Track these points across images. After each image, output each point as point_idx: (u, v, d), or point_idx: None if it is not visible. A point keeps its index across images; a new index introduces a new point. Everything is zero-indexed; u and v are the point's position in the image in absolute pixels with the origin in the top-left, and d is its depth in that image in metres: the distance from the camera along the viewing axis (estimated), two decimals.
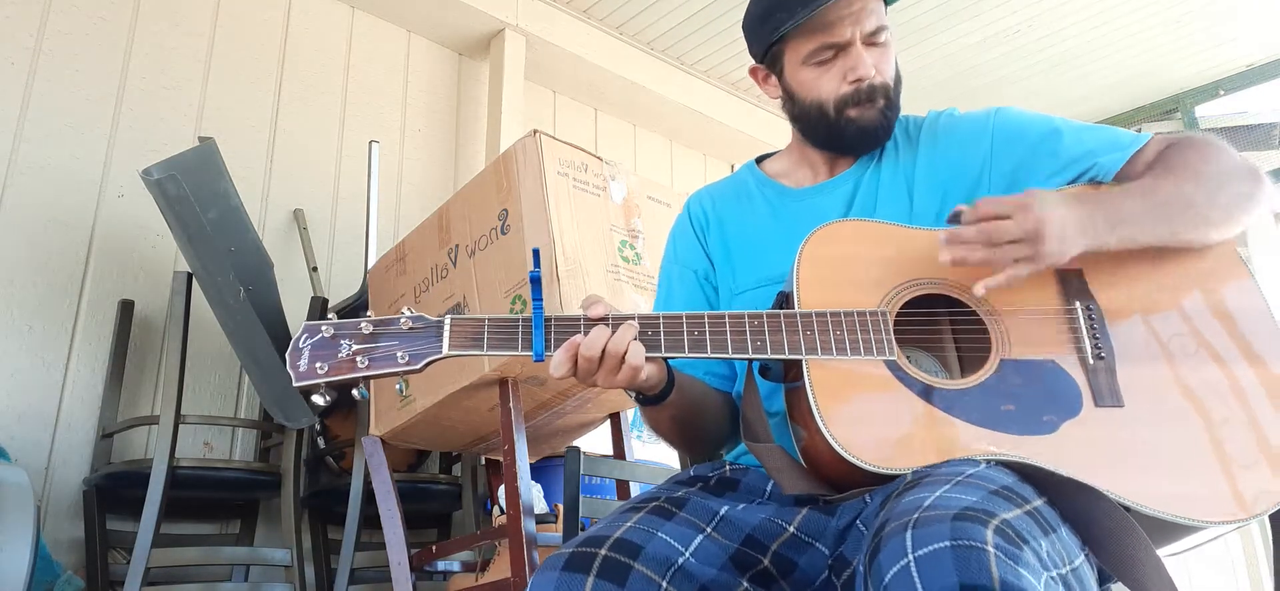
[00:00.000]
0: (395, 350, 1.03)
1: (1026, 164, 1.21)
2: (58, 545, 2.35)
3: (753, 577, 1.03)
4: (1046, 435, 1.00)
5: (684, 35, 3.98)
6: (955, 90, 4.25)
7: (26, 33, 2.69)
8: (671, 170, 4.45)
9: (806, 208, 1.32)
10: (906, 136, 1.32)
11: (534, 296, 1.05)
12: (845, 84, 1.27)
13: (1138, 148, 1.18)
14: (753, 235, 1.34)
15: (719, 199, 1.42)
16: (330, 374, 1.02)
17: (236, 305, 2.30)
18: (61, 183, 2.66)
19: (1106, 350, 1.06)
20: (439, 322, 1.05)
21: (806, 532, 1.07)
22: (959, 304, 1.10)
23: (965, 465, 0.92)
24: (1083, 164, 1.19)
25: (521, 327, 1.04)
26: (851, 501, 1.04)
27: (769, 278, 1.27)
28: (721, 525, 1.06)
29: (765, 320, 1.06)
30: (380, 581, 2.56)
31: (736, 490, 1.15)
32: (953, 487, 0.85)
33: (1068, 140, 1.21)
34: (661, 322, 1.06)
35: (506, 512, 1.92)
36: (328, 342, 1.04)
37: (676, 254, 1.43)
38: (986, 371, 1.04)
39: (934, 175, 1.26)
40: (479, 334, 1.04)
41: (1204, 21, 3.91)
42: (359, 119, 3.36)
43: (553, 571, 0.96)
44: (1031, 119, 1.26)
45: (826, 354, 1.04)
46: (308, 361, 1.03)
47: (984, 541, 0.77)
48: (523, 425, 1.95)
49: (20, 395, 2.46)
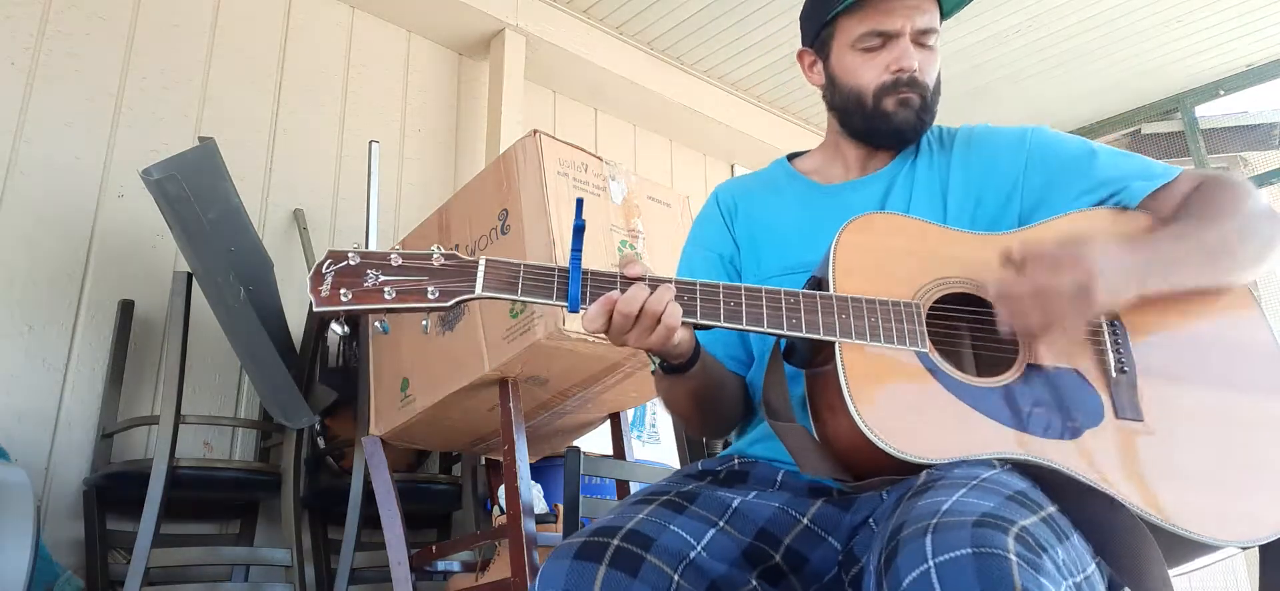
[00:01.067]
0: (425, 284, 1.00)
1: (1057, 181, 1.23)
2: (58, 545, 2.35)
3: (763, 573, 1.03)
4: (1069, 440, 1.01)
5: (684, 35, 3.98)
6: (955, 90, 4.25)
7: (26, 33, 2.69)
8: (671, 170, 4.45)
9: (838, 203, 1.32)
10: (940, 144, 1.34)
11: (573, 246, 1.03)
12: (887, 73, 1.28)
13: (1168, 181, 1.19)
14: (780, 224, 1.34)
15: (749, 188, 1.43)
16: (355, 300, 0.98)
17: (236, 305, 2.30)
18: (61, 183, 2.66)
19: (1129, 365, 1.07)
20: (474, 262, 1.02)
21: (820, 526, 1.07)
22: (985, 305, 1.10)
23: (979, 468, 0.92)
24: (1113, 186, 1.20)
25: (557, 277, 1.03)
26: (867, 496, 1.04)
27: (795, 265, 1.27)
28: (734, 518, 1.06)
29: (802, 299, 1.06)
30: (380, 581, 2.55)
31: (747, 482, 1.15)
32: (969, 492, 0.85)
33: (1102, 163, 1.23)
34: (698, 289, 1.06)
35: (506, 512, 1.92)
36: (353, 270, 1.00)
37: (700, 238, 1.43)
38: (1013, 374, 1.06)
39: (968, 182, 1.27)
40: (514, 278, 1.02)
41: (1204, 21, 3.92)
42: (359, 119, 3.36)
43: (565, 560, 0.96)
44: (1068, 139, 1.28)
45: (861, 338, 1.05)
46: (330, 286, 0.99)
47: (1006, 549, 0.77)
48: (523, 425, 1.95)
49: (20, 395, 2.46)
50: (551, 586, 0.94)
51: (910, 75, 1.27)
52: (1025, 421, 1.01)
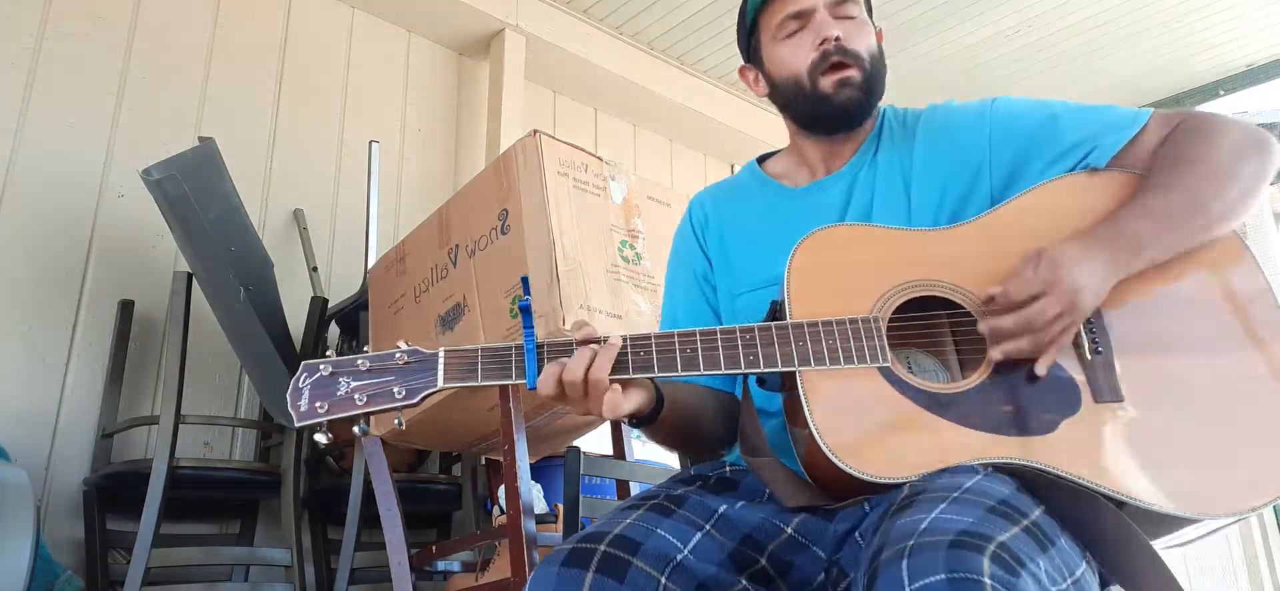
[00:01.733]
0: (391, 385, 1.05)
1: (1026, 153, 1.20)
2: (58, 545, 2.35)
3: (751, 576, 1.03)
4: (1046, 434, 0.99)
5: (684, 35, 3.98)
6: (955, 90, 4.25)
7: (26, 33, 2.69)
8: (671, 170, 4.45)
9: (803, 206, 1.31)
10: (903, 129, 1.31)
11: (525, 325, 1.06)
12: (814, 51, 1.28)
13: (1138, 128, 1.16)
14: (751, 235, 1.34)
15: (719, 199, 1.42)
16: (330, 412, 1.04)
17: (237, 305, 2.30)
18: (61, 183, 2.66)
19: (1104, 344, 1.05)
20: (433, 355, 1.06)
21: (804, 535, 1.07)
22: (955, 305, 1.09)
23: (963, 476, 0.92)
24: (1081, 149, 1.18)
25: (515, 356, 1.05)
26: (851, 508, 1.04)
27: (768, 279, 1.27)
28: (720, 523, 1.06)
29: (757, 333, 1.05)
30: (380, 581, 2.55)
31: (736, 490, 1.15)
32: (949, 506, 0.85)
33: (1065, 125, 1.20)
34: (653, 342, 1.06)
35: (506, 512, 1.92)
36: (326, 381, 1.05)
37: (678, 255, 1.44)
38: (983, 372, 1.04)
39: (932, 169, 1.25)
40: (473, 365, 1.05)
41: (1204, 21, 3.92)
42: (359, 119, 3.36)
43: (552, 567, 0.96)
44: (1029, 107, 1.24)
45: (819, 363, 1.03)
46: (308, 401, 1.04)
47: (980, 572, 0.76)
48: (523, 425, 1.95)
49: (20, 395, 2.46)
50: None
51: (837, 45, 1.27)
52: (997, 422, 1.00)
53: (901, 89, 4.13)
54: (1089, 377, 1.03)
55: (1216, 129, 1.13)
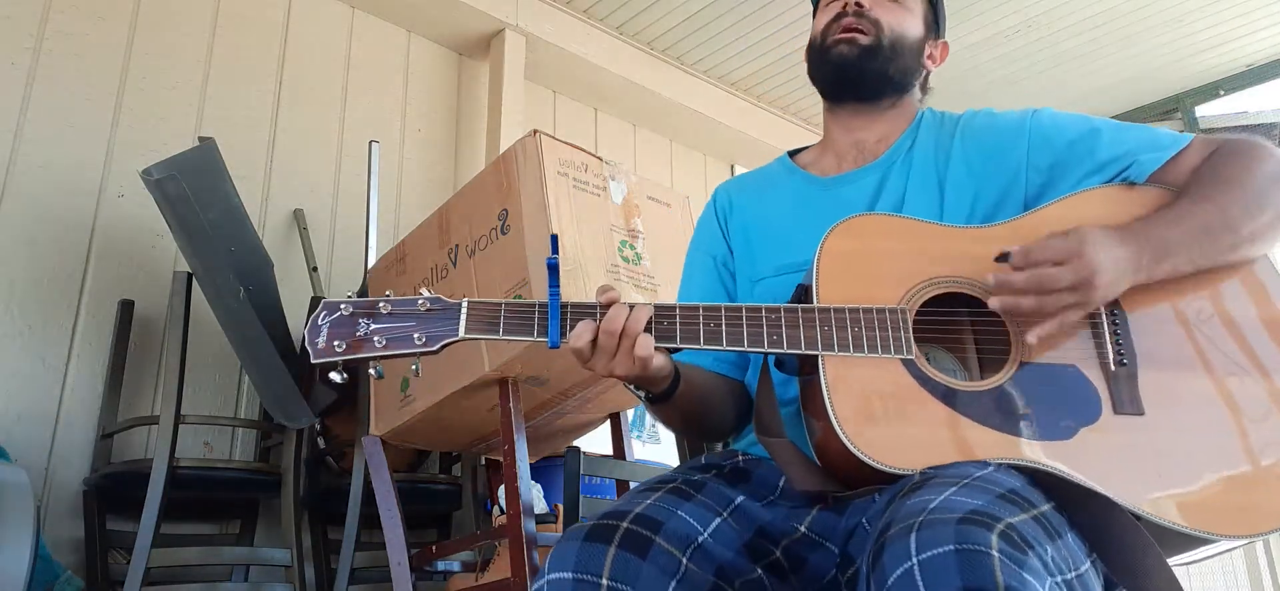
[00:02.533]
0: (412, 330, 1.05)
1: (1063, 163, 1.20)
2: (58, 545, 2.35)
3: (766, 567, 1.03)
4: (1063, 441, 0.99)
5: (684, 35, 3.98)
6: (955, 90, 4.25)
7: (26, 33, 2.69)
8: (671, 170, 4.45)
9: (831, 197, 1.31)
10: (940, 129, 1.31)
11: (551, 284, 1.05)
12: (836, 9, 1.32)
13: (1178, 150, 1.16)
14: (774, 222, 1.34)
15: (745, 187, 1.43)
16: (348, 351, 1.04)
17: (236, 305, 2.30)
18: (61, 183, 2.66)
19: (1129, 356, 1.04)
20: (456, 305, 1.06)
21: (817, 533, 1.07)
22: (981, 304, 1.08)
23: (973, 467, 0.92)
24: (1120, 164, 1.17)
25: (538, 313, 1.04)
26: (860, 500, 1.03)
27: (788, 265, 1.27)
28: (736, 512, 1.06)
29: (783, 314, 1.05)
30: (380, 581, 2.55)
31: (749, 482, 1.15)
32: (959, 490, 0.85)
33: (1106, 140, 1.19)
34: (677, 313, 1.05)
35: (506, 512, 1.92)
36: (346, 320, 1.05)
37: (697, 240, 1.44)
38: (1006, 374, 1.03)
39: (968, 172, 1.24)
40: (495, 318, 1.05)
41: (1204, 21, 3.91)
42: (359, 119, 3.36)
43: (575, 541, 0.96)
44: (1070, 119, 1.24)
45: (843, 350, 1.03)
46: (326, 338, 1.04)
47: (988, 546, 0.76)
48: (523, 425, 1.95)
49: (20, 395, 2.46)
50: (562, 567, 0.94)
51: (855, 7, 1.29)
52: (1017, 424, 1.00)
53: None
54: (1111, 388, 1.03)
55: (1256, 154, 1.13)
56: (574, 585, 0.93)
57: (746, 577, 1.00)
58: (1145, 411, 1.01)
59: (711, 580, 0.97)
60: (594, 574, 0.93)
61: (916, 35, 1.34)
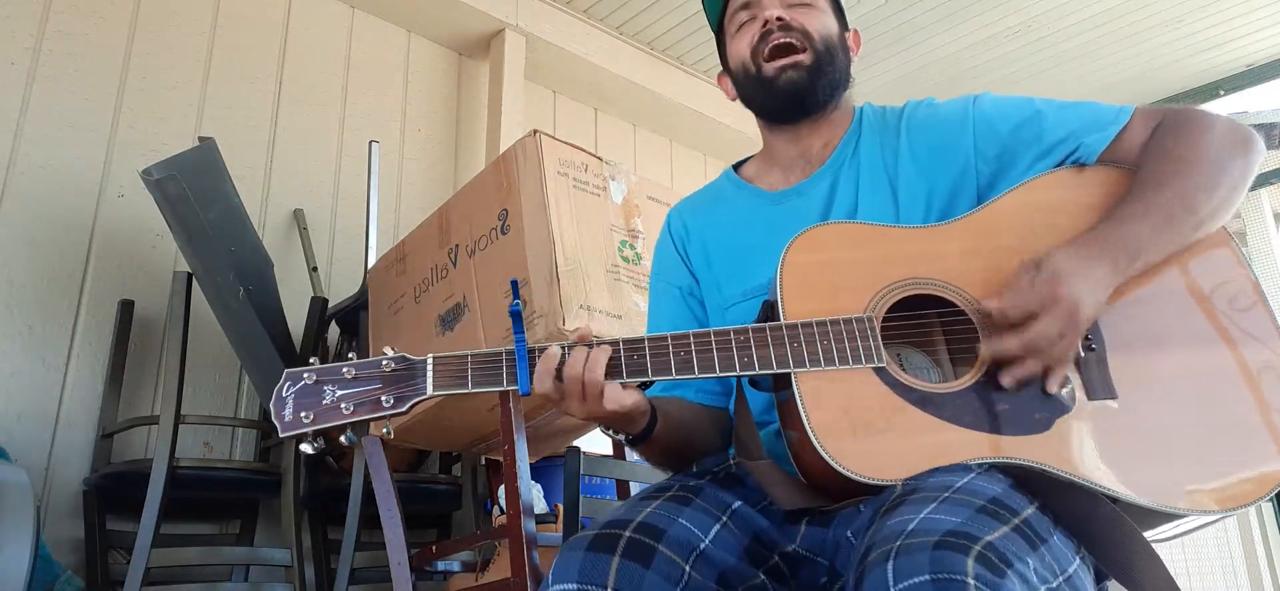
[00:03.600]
0: (378, 393, 1.03)
1: (1010, 150, 1.20)
2: (58, 545, 2.35)
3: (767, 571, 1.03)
4: (1040, 433, 0.99)
5: (684, 35, 3.98)
6: (955, 90, 4.22)
7: (26, 33, 2.69)
8: (671, 170, 4.45)
9: (785, 211, 1.30)
10: (883, 126, 1.30)
11: (515, 330, 1.05)
12: (758, 30, 1.29)
13: (1122, 125, 1.16)
14: (734, 245, 1.32)
15: (698, 210, 1.41)
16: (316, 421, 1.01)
17: (236, 305, 2.30)
18: (61, 183, 2.66)
19: (1097, 341, 1.05)
20: (422, 363, 1.04)
21: (807, 548, 1.07)
22: (947, 303, 1.09)
23: (954, 475, 0.92)
24: (1067, 146, 1.17)
25: (505, 361, 1.04)
26: (847, 511, 1.03)
27: (755, 288, 1.26)
28: (734, 517, 1.06)
29: (751, 335, 1.05)
30: (380, 581, 2.55)
31: (744, 486, 1.15)
32: (938, 506, 0.85)
33: (1049, 123, 1.19)
34: (646, 345, 1.05)
35: (506, 512, 1.92)
36: (311, 390, 1.03)
37: (660, 270, 1.42)
38: (977, 372, 1.04)
39: (918, 169, 1.23)
40: (463, 371, 1.04)
41: (1204, 21, 3.92)
42: (359, 119, 3.36)
43: (578, 551, 0.96)
44: (1011, 104, 1.24)
45: (815, 364, 1.03)
46: (292, 410, 1.02)
47: (964, 572, 0.77)
48: (523, 425, 1.95)
49: (20, 395, 2.46)
50: (566, 579, 0.94)
51: (779, 22, 1.26)
52: (993, 421, 1.00)
53: (901, 88, 4.13)
54: (1083, 375, 1.03)
55: (1202, 126, 1.13)
56: None
57: (749, 583, 1.00)
58: (1118, 395, 1.02)
59: (713, 587, 0.97)
60: (598, 583, 0.93)
61: (836, 32, 1.31)
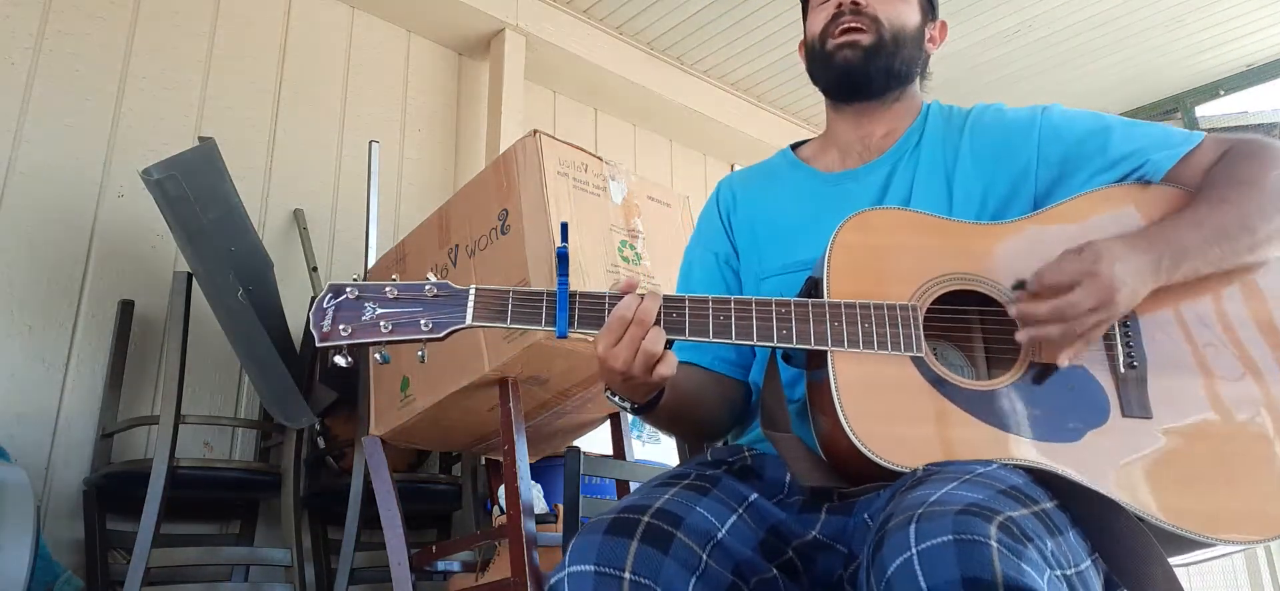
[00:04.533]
0: (419, 316, 1.04)
1: (1074, 160, 1.19)
2: (58, 545, 2.35)
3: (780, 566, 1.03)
4: (1069, 443, 0.99)
5: (684, 35, 3.98)
6: (956, 90, 4.25)
7: (26, 33, 2.69)
8: (671, 170, 4.45)
9: (839, 193, 1.29)
10: (948, 125, 1.30)
11: (560, 272, 1.04)
12: (832, 9, 1.29)
13: (1190, 148, 1.15)
14: (780, 219, 1.32)
15: (749, 182, 1.41)
16: (354, 335, 1.02)
17: (236, 305, 2.30)
18: (61, 183, 2.66)
19: (1139, 359, 1.04)
20: (464, 291, 1.05)
21: (827, 536, 1.06)
22: (991, 302, 1.08)
23: (975, 464, 0.92)
24: (1132, 162, 1.16)
25: (546, 301, 1.04)
26: (866, 497, 1.03)
27: (796, 263, 1.25)
28: (750, 510, 1.06)
29: (793, 308, 1.04)
30: (380, 581, 2.55)
31: (761, 479, 1.14)
32: (960, 484, 0.85)
33: (1117, 138, 1.18)
34: (687, 304, 1.04)
35: (506, 512, 1.92)
36: (352, 304, 1.04)
37: (699, 236, 1.42)
38: (1015, 374, 1.03)
39: (977, 168, 1.23)
40: (503, 306, 1.04)
41: (1204, 21, 3.91)
42: (359, 119, 3.36)
43: (596, 534, 0.95)
44: (1080, 116, 1.24)
45: (853, 347, 1.02)
46: (331, 321, 1.03)
47: (987, 536, 0.76)
48: (523, 425, 1.95)
49: (20, 395, 2.46)
50: (583, 561, 0.94)
51: (851, 4, 1.27)
52: (1024, 425, 0.99)
53: None
54: (1120, 391, 1.02)
55: (1271, 155, 1.12)
56: (596, 577, 0.92)
57: (762, 576, 1.00)
58: (1153, 414, 1.01)
59: (729, 578, 0.96)
60: (617, 567, 0.92)
61: (915, 23, 1.31)
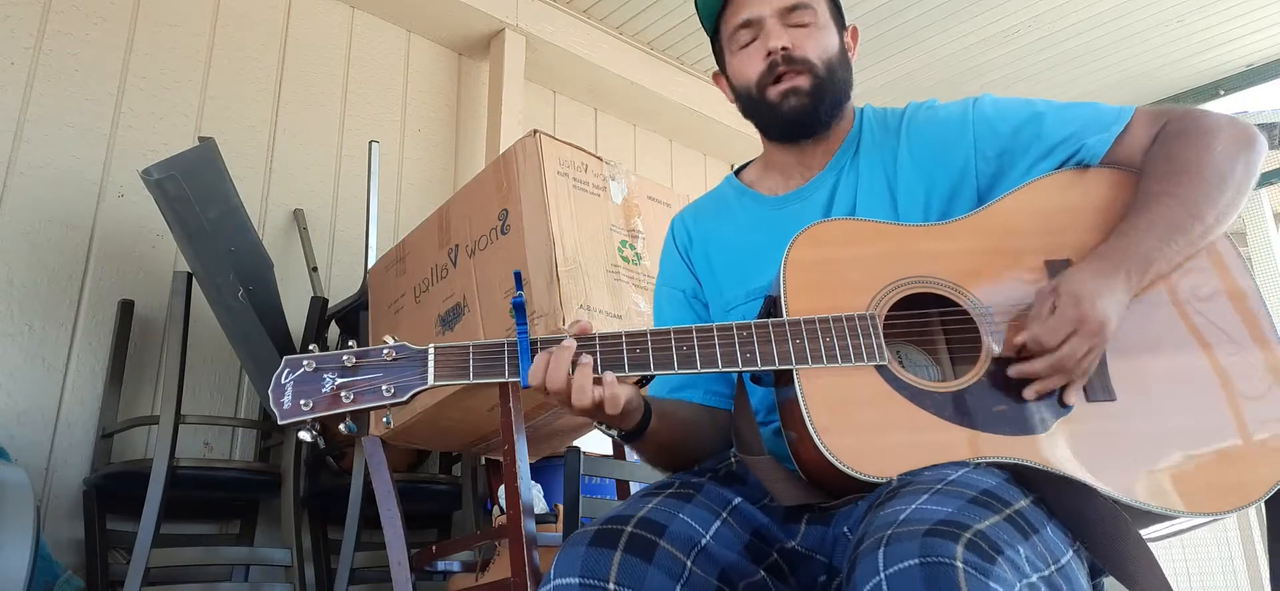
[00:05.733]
0: (380, 383, 1.02)
1: (1011, 151, 1.20)
2: (58, 545, 2.35)
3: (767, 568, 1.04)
4: (1039, 433, 1.00)
5: (684, 35, 3.98)
6: (955, 90, 4.25)
7: (26, 33, 2.69)
8: (671, 170, 4.45)
9: (786, 215, 1.30)
10: (884, 129, 1.30)
11: (518, 323, 1.04)
12: (763, 61, 1.28)
13: (1123, 125, 1.17)
14: (735, 248, 1.33)
15: (700, 215, 1.42)
16: (315, 410, 1.00)
17: (236, 305, 2.30)
18: (61, 183, 2.66)
19: None
20: (423, 352, 1.03)
21: (808, 546, 1.07)
22: (949, 302, 1.09)
23: (949, 469, 0.92)
24: (1068, 147, 1.18)
25: (507, 352, 1.03)
26: (846, 508, 1.04)
27: (755, 290, 1.26)
28: (734, 514, 1.06)
29: (754, 331, 1.05)
30: (380, 581, 2.55)
31: (745, 484, 1.15)
32: (930, 497, 0.86)
33: (1050, 123, 1.20)
34: (649, 339, 1.05)
35: (506, 512, 1.92)
36: (310, 377, 1.02)
37: (664, 276, 1.43)
38: (978, 371, 1.04)
39: (917, 170, 1.24)
40: (464, 362, 1.03)
41: (1204, 21, 3.91)
42: (359, 119, 3.36)
43: (580, 546, 0.96)
44: (1011, 105, 1.24)
45: (816, 362, 1.03)
46: (291, 398, 1.01)
47: (952, 557, 0.77)
48: (523, 425, 1.95)
49: (20, 395, 2.46)
50: (568, 572, 0.94)
51: (784, 54, 1.26)
52: (992, 420, 1.01)
53: (902, 89, 4.13)
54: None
55: (1205, 129, 1.13)
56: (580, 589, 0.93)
57: (749, 579, 1.01)
58: (1117, 396, 1.03)
59: (714, 583, 0.97)
60: (600, 578, 0.93)
61: (837, 45, 1.31)
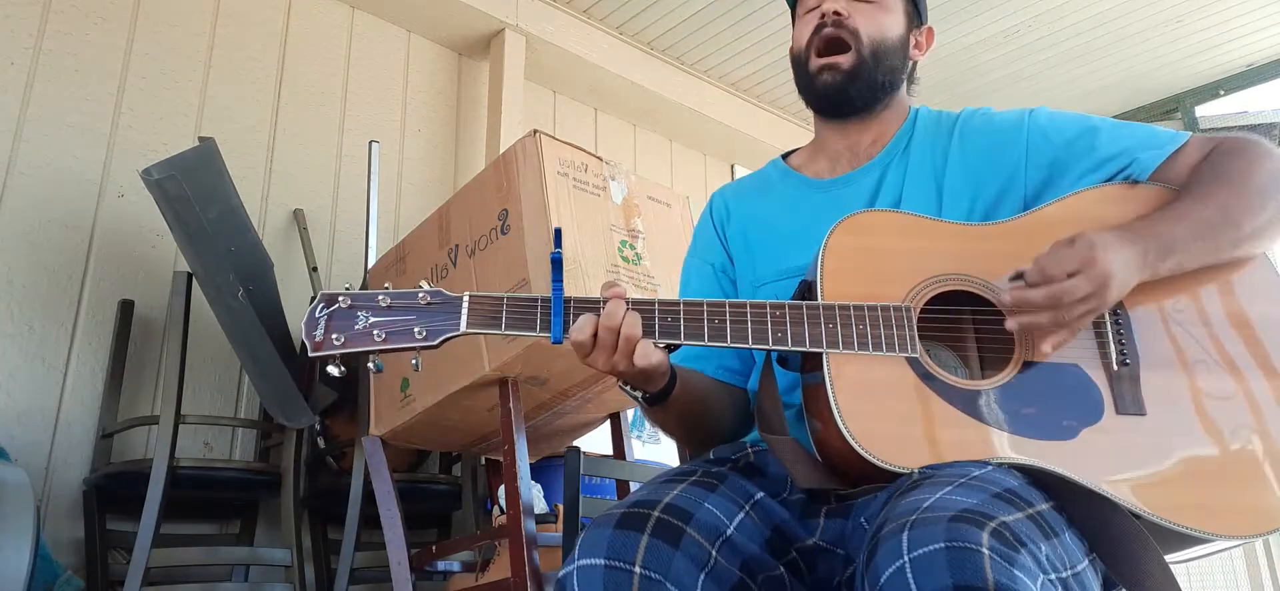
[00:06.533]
0: (412, 324, 1.03)
1: (1062, 161, 1.20)
2: (58, 545, 2.35)
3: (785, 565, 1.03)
4: (1065, 441, 0.99)
5: (684, 35, 3.98)
6: (955, 90, 4.25)
7: (26, 33, 2.69)
8: (671, 170, 4.45)
9: (829, 199, 1.30)
10: (937, 129, 1.31)
11: (554, 278, 1.04)
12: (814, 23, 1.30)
13: (1176, 147, 1.16)
14: (773, 227, 1.33)
15: (742, 192, 1.42)
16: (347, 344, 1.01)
17: (236, 305, 2.30)
18: (61, 183, 2.66)
19: (1132, 356, 1.05)
20: (457, 299, 1.04)
21: (827, 541, 1.07)
22: (983, 302, 1.09)
23: (971, 466, 0.92)
24: (1119, 161, 1.17)
25: (541, 308, 1.04)
26: (864, 499, 1.04)
27: (790, 269, 1.26)
28: (757, 507, 1.06)
29: (787, 311, 1.05)
30: (380, 581, 2.55)
31: (765, 476, 1.15)
32: (954, 489, 0.85)
33: (1104, 138, 1.19)
34: (682, 309, 1.05)
35: (506, 512, 1.92)
36: (345, 313, 1.03)
37: (695, 249, 1.43)
38: (1009, 373, 1.04)
39: (966, 172, 1.24)
40: (497, 313, 1.04)
41: (1204, 21, 3.91)
42: (359, 119, 3.36)
43: (606, 528, 0.95)
44: (1067, 118, 1.24)
45: (848, 348, 1.03)
46: (324, 331, 1.02)
47: (979, 543, 0.77)
48: (523, 425, 1.95)
49: (20, 395, 2.46)
50: (593, 555, 0.94)
51: (834, 18, 1.27)
52: (1019, 423, 1.00)
53: None
54: (1113, 388, 1.03)
55: (1256, 152, 1.13)
56: (606, 571, 0.92)
57: (769, 573, 1.00)
58: (1147, 411, 1.02)
59: (737, 575, 0.96)
60: (627, 561, 0.92)
61: (898, 34, 1.32)
